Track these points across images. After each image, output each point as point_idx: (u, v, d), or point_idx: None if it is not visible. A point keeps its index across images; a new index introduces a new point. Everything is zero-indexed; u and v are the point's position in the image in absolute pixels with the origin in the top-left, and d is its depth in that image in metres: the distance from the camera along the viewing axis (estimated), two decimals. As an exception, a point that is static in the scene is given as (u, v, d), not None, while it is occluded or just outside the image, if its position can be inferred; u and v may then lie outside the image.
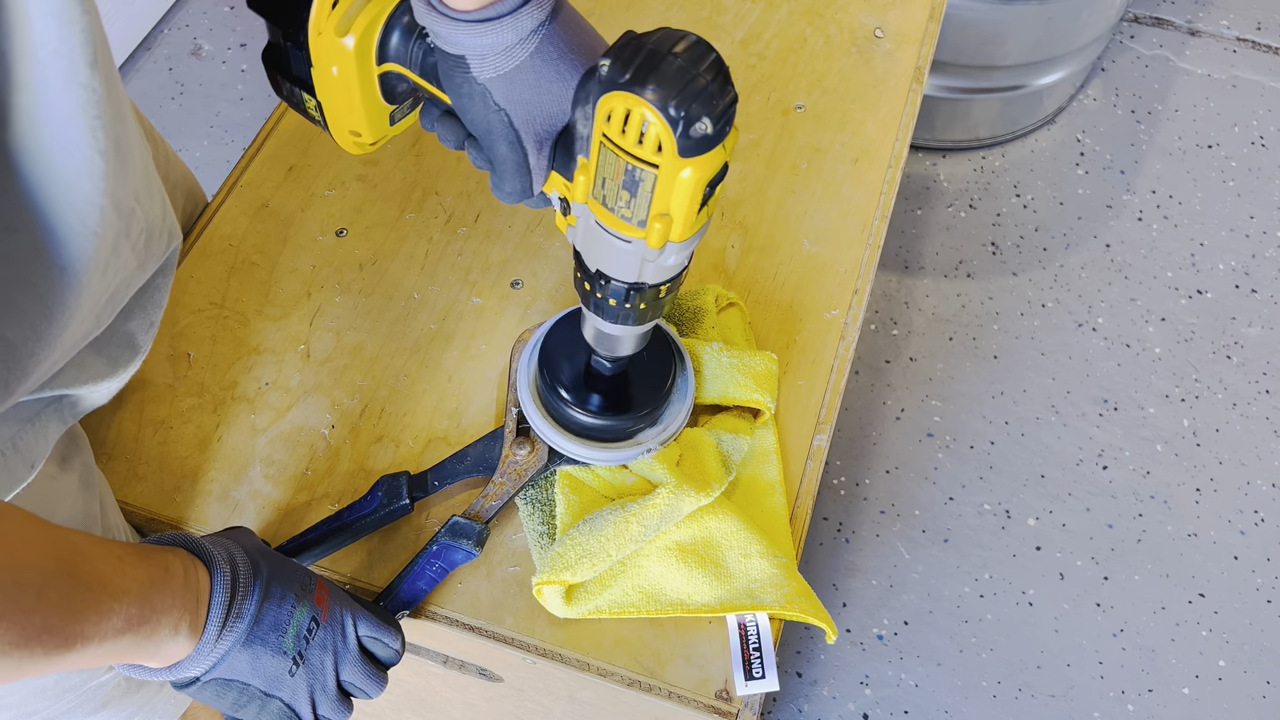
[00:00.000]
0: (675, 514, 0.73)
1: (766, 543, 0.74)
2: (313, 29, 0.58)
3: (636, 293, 0.62)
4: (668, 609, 0.73)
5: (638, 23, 1.07)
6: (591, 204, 0.58)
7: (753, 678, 0.71)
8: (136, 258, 0.59)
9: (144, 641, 0.53)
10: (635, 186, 0.54)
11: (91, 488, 0.70)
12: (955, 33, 1.66)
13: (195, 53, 2.02)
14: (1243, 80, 2.06)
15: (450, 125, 0.62)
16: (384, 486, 0.76)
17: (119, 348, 0.65)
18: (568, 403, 0.75)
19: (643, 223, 0.56)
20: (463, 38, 0.55)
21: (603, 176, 0.55)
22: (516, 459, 0.77)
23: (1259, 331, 1.76)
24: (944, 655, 1.46)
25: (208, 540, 0.61)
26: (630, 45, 0.52)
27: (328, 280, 0.90)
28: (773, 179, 0.97)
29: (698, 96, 0.51)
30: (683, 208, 0.54)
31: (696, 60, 0.51)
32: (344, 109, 0.62)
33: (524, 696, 0.84)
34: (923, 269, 1.81)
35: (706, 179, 0.54)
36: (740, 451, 0.78)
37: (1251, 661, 1.47)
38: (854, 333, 0.89)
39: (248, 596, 0.59)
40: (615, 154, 0.53)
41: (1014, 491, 1.59)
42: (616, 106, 0.52)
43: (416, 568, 0.73)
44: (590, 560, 0.71)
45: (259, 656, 0.59)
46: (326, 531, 0.75)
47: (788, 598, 0.72)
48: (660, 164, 0.52)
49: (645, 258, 0.58)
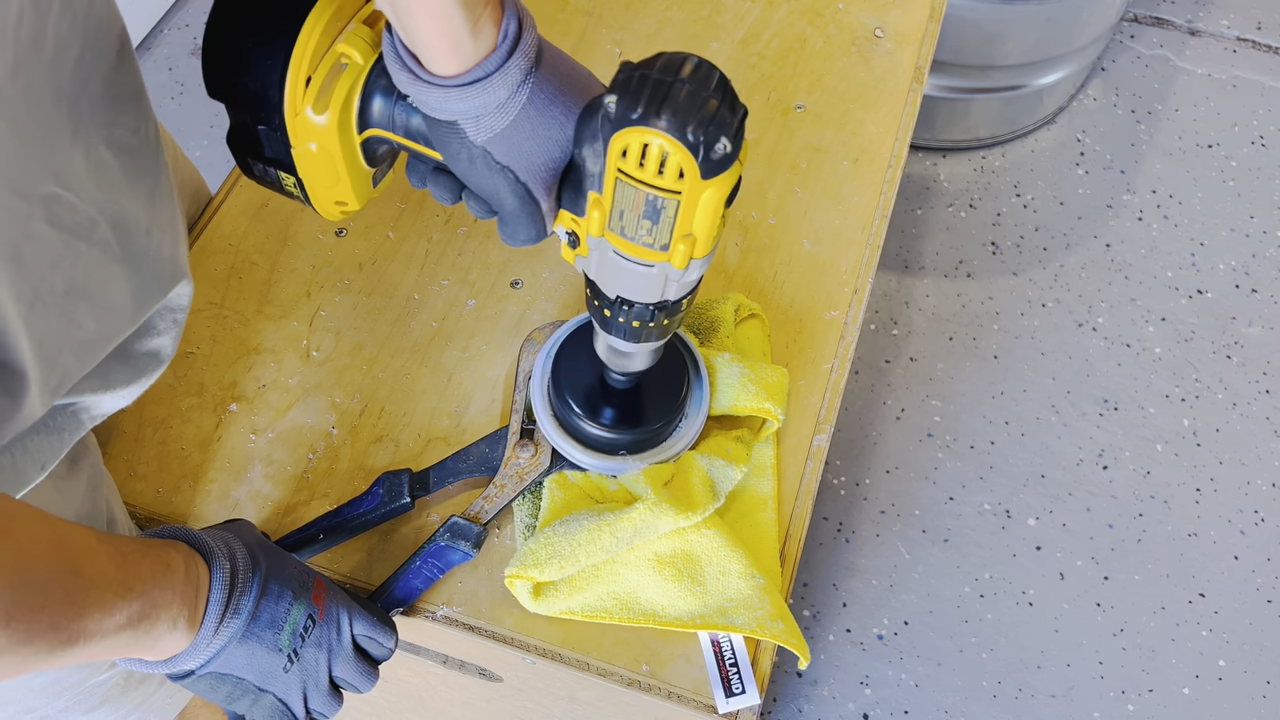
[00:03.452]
0: (650, 530, 0.72)
1: (748, 561, 0.74)
2: (289, 111, 0.56)
3: (660, 310, 0.62)
4: (639, 618, 0.73)
5: (638, 22, 1.07)
6: (609, 236, 0.57)
7: (733, 694, 0.71)
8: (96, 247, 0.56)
9: (143, 636, 0.53)
10: (657, 215, 0.54)
11: (99, 489, 0.70)
12: (955, 33, 1.66)
13: (195, 53, 2.02)
14: (1243, 80, 2.06)
15: (442, 181, 0.60)
16: (385, 483, 0.76)
17: (146, 358, 0.65)
18: (580, 411, 0.74)
19: (665, 246, 0.56)
20: (454, 104, 0.54)
21: (620, 209, 0.55)
22: (519, 461, 0.76)
23: (1259, 331, 1.76)
24: (944, 655, 1.46)
25: (208, 534, 0.61)
26: (635, 78, 0.51)
27: (328, 280, 0.90)
28: (773, 179, 0.97)
29: (713, 119, 0.50)
30: (705, 226, 0.55)
31: (703, 83, 0.51)
32: (328, 182, 0.60)
33: (524, 696, 0.84)
34: (923, 269, 1.81)
35: (726, 194, 0.54)
36: (731, 482, 0.76)
37: (1251, 661, 1.47)
38: (854, 333, 0.89)
39: (245, 592, 0.59)
40: (634, 186, 0.53)
41: (1014, 491, 1.59)
42: (632, 142, 0.51)
43: (413, 567, 0.73)
44: (559, 562, 0.71)
45: (254, 652, 0.60)
46: (327, 527, 0.75)
47: (760, 620, 0.72)
48: (683, 190, 0.52)
49: (669, 278, 0.58)
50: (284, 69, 0.55)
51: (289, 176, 0.60)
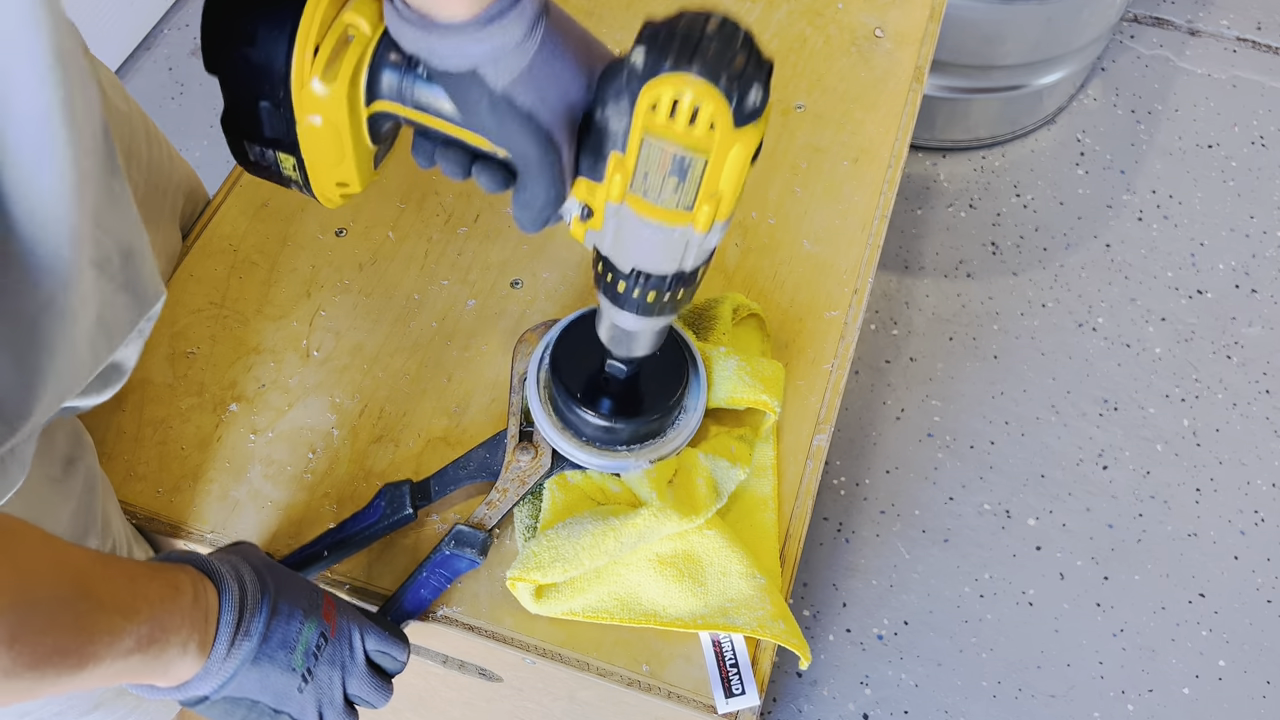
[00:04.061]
0: (654, 534, 0.72)
1: (749, 562, 0.74)
2: (295, 82, 0.54)
3: (678, 281, 0.62)
4: (641, 619, 0.73)
5: (637, 22, 1.07)
6: (630, 199, 0.57)
7: (733, 694, 0.71)
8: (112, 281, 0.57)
9: (153, 661, 0.53)
10: (685, 172, 0.54)
11: (94, 491, 0.70)
12: (955, 33, 1.66)
13: (195, 53, 2.02)
14: (1243, 80, 2.06)
15: (451, 155, 0.59)
16: (386, 496, 0.75)
17: (111, 370, 0.64)
18: (578, 406, 0.74)
19: (689, 206, 0.56)
20: (470, 47, 0.52)
21: (645, 170, 0.55)
22: (520, 465, 0.76)
23: (1259, 331, 1.76)
24: (944, 655, 1.46)
25: (215, 557, 0.60)
26: (662, 32, 0.52)
27: (328, 280, 0.90)
28: (773, 179, 0.97)
29: (746, 66, 0.51)
30: (732, 183, 0.54)
31: (731, 36, 0.51)
32: (332, 160, 0.58)
33: (524, 696, 0.84)
34: (923, 269, 1.81)
35: (753, 150, 0.54)
36: (734, 482, 0.76)
37: (1251, 661, 1.47)
38: (854, 333, 0.89)
39: (256, 614, 0.59)
40: (662, 141, 0.53)
41: (1014, 491, 1.59)
42: (664, 92, 0.51)
43: (420, 577, 0.73)
44: (562, 565, 0.71)
45: (268, 674, 0.59)
46: (330, 544, 0.75)
47: (760, 621, 0.72)
48: (714, 142, 0.52)
49: (690, 242, 0.58)
50: (290, 39, 0.54)
51: (289, 158, 0.59)
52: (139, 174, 0.82)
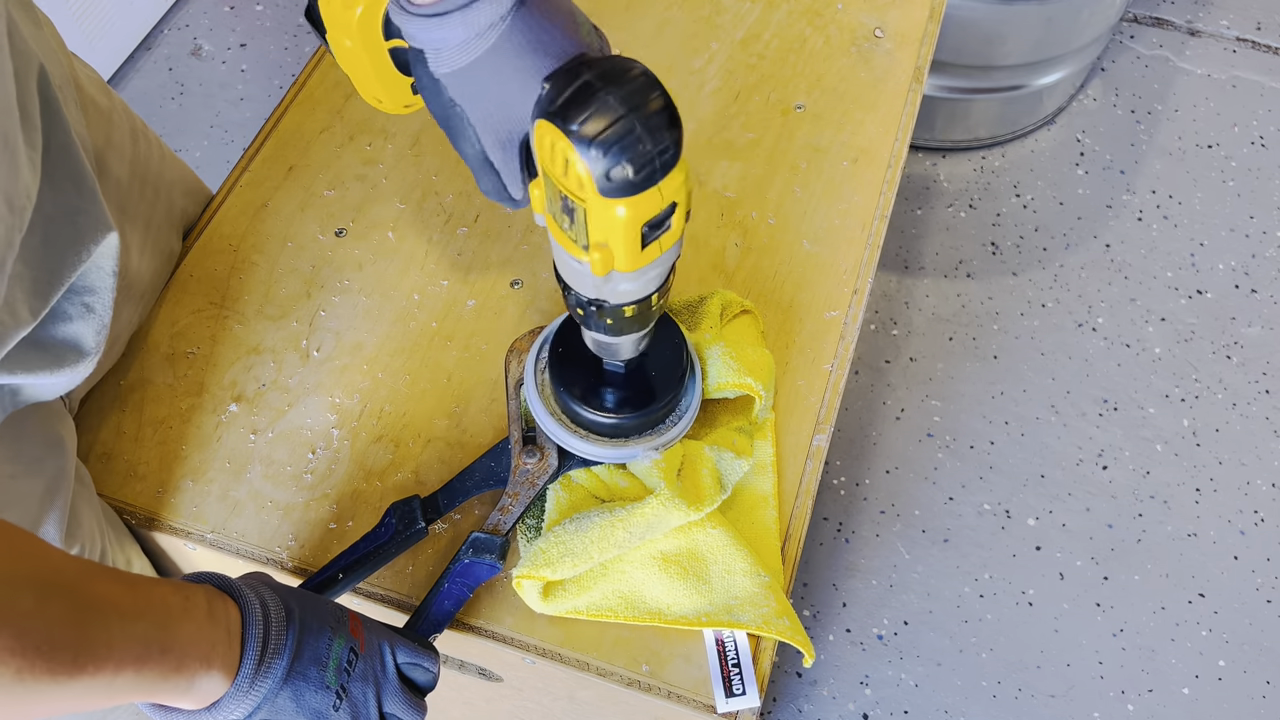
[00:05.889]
0: (662, 525, 0.72)
1: (752, 560, 0.74)
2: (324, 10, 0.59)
3: (598, 308, 0.60)
4: (645, 617, 0.73)
5: (638, 22, 1.07)
6: (547, 218, 0.56)
7: (733, 694, 0.71)
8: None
9: (171, 675, 0.51)
10: (570, 214, 0.52)
11: (58, 496, 0.67)
12: (955, 33, 1.66)
13: (195, 53, 2.02)
14: (1243, 80, 2.06)
15: None
16: (396, 513, 0.75)
17: (62, 349, 0.64)
18: (584, 403, 0.74)
19: (586, 247, 0.54)
20: (417, 31, 0.55)
21: (549, 196, 0.54)
22: (526, 468, 0.76)
23: (1259, 331, 1.76)
24: (944, 655, 1.46)
25: (232, 578, 0.59)
26: (571, 73, 0.50)
27: (328, 280, 0.90)
28: (772, 179, 0.97)
29: (621, 140, 0.48)
30: (620, 243, 0.52)
31: (633, 99, 0.48)
32: (361, 77, 0.63)
33: (524, 696, 0.84)
34: (923, 269, 1.81)
35: (642, 219, 0.51)
36: (738, 474, 0.77)
37: (1251, 661, 1.47)
38: (854, 333, 0.89)
39: (284, 630, 0.57)
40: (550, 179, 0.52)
41: (1014, 491, 1.59)
42: (544, 135, 0.50)
43: (443, 589, 0.72)
44: (572, 560, 0.71)
45: (302, 693, 0.57)
46: (345, 565, 0.74)
47: (765, 618, 0.72)
48: (586, 199, 0.50)
49: (597, 280, 0.56)
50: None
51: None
52: (119, 164, 0.80)
